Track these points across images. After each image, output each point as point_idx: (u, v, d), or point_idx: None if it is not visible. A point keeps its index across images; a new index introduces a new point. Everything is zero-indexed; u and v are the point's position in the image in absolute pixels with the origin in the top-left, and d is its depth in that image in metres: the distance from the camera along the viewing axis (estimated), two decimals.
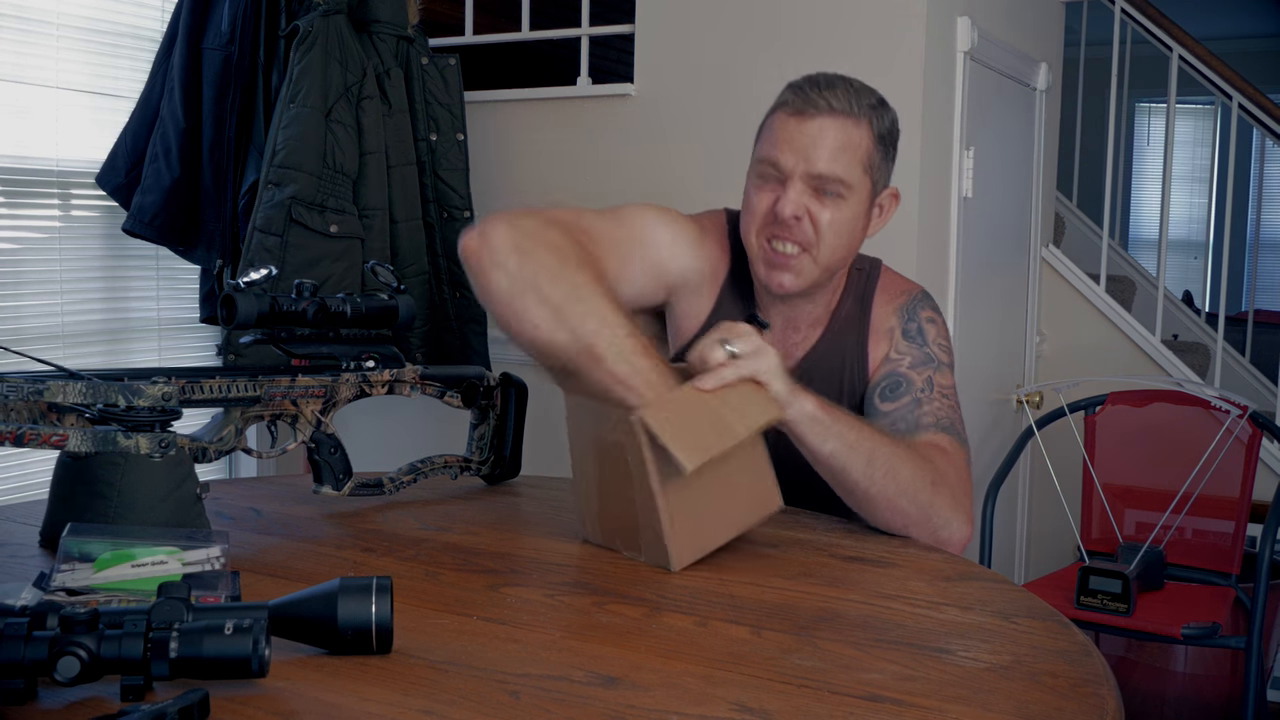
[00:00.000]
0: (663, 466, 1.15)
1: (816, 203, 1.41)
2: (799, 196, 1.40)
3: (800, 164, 1.39)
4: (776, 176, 1.42)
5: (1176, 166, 4.03)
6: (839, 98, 1.40)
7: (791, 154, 1.40)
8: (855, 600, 1.11)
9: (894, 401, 1.46)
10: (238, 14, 2.64)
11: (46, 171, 2.62)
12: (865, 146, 1.42)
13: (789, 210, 1.40)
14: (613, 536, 1.24)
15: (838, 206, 1.42)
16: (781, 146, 1.41)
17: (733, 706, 0.84)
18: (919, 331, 1.52)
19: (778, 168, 1.41)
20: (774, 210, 1.42)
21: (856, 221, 1.45)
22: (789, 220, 1.40)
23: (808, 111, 1.40)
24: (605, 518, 1.25)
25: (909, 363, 1.49)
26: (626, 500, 1.19)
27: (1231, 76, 3.67)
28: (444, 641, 0.95)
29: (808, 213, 1.41)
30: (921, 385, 1.47)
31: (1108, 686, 0.91)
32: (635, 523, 1.19)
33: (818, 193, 1.41)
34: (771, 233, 1.43)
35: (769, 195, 1.43)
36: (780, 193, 1.41)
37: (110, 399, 1.12)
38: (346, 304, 1.33)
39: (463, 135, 2.86)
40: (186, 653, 0.79)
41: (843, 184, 1.40)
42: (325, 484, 1.36)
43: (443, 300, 2.84)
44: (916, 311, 1.54)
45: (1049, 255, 3.63)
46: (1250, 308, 4.49)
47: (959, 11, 2.76)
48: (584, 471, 1.27)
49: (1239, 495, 2.77)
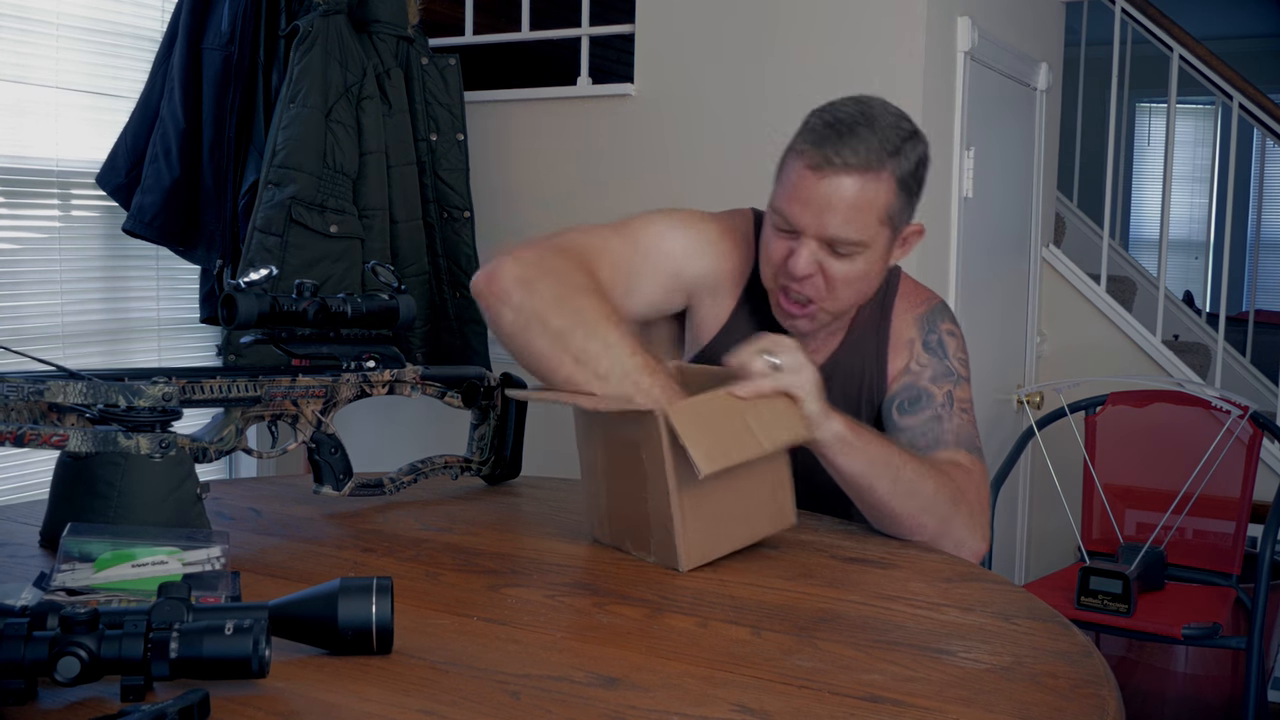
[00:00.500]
0: (681, 466, 1.14)
1: (830, 258, 1.38)
2: (811, 255, 1.37)
3: (813, 225, 1.36)
4: (791, 230, 1.39)
5: (1177, 166, 4.02)
6: (858, 152, 1.33)
7: (805, 213, 1.36)
8: (856, 601, 1.11)
9: (914, 416, 1.46)
10: (238, 14, 2.64)
11: (46, 171, 2.62)
12: (883, 200, 1.36)
13: (800, 270, 1.38)
14: (621, 536, 1.24)
15: (852, 262, 1.39)
16: (794, 204, 1.37)
17: (733, 707, 0.84)
18: (939, 344, 1.52)
19: (790, 225, 1.38)
20: (787, 264, 1.40)
21: (872, 269, 1.42)
22: (800, 277, 1.39)
23: (824, 169, 1.34)
24: (614, 517, 1.25)
25: (929, 376, 1.49)
26: (638, 499, 1.19)
27: (1231, 76, 3.67)
28: (444, 642, 0.95)
29: (820, 269, 1.39)
30: (942, 400, 1.47)
31: (1108, 687, 0.91)
32: (646, 521, 1.19)
33: (832, 249, 1.38)
34: (784, 283, 1.42)
35: (784, 246, 1.40)
36: (794, 246, 1.39)
37: (110, 399, 1.12)
38: (347, 304, 1.33)
39: (463, 135, 2.86)
40: (187, 653, 0.79)
41: (857, 245, 1.37)
42: (325, 484, 1.36)
43: (443, 300, 2.84)
44: (937, 324, 1.54)
45: (1049, 255, 3.63)
46: (1251, 308, 4.49)
47: (959, 11, 2.76)
48: (594, 470, 1.27)
49: (1239, 495, 2.77)
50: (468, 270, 2.84)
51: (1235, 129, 3.73)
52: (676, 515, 1.15)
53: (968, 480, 1.39)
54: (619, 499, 1.23)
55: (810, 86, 2.67)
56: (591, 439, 1.26)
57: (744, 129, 2.78)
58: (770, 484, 1.24)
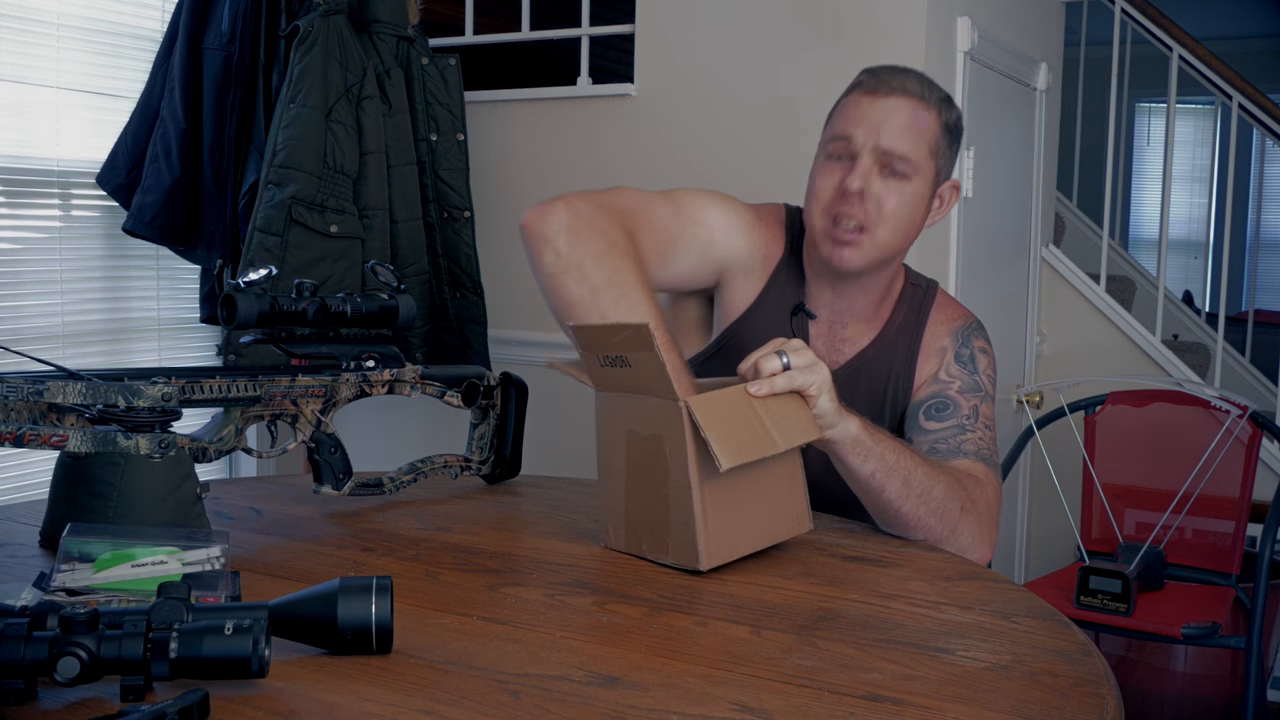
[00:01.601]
0: (703, 460, 1.15)
1: (881, 182, 1.43)
2: (865, 171, 1.43)
3: (870, 138, 1.42)
4: (846, 152, 1.44)
5: (1176, 166, 4.03)
6: (912, 83, 1.45)
7: (863, 129, 1.43)
8: (855, 600, 1.11)
9: (939, 422, 1.48)
10: (238, 14, 2.64)
11: (47, 171, 2.62)
12: (934, 131, 1.45)
13: (857, 184, 1.42)
14: (639, 539, 1.23)
15: (901, 189, 1.44)
16: (854, 121, 1.44)
17: (733, 706, 0.84)
18: (971, 359, 1.54)
19: (849, 141, 1.44)
20: (841, 187, 1.44)
21: (918, 205, 1.47)
22: (853, 194, 1.42)
23: (881, 90, 1.44)
24: (632, 518, 1.23)
25: (959, 387, 1.51)
26: (658, 496, 1.18)
27: (1231, 76, 3.67)
28: (444, 641, 0.95)
29: (873, 192, 1.43)
30: (968, 412, 1.48)
31: (1108, 686, 0.91)
32: (665, 519, 1.18)
33: (884, 171, 1.43)
34: (836, 210, 1.45)
35: (837, 173, 1.45)
36: (848, 170, 1.44)
37: (110, 399, 1.12)
38: (347, 304, 1.33)
39: (463, 135, 2.86)
40: (186, 653, 0.79)
41: (909, 163, 1.43)
42: (325, 484, 1.36)
43: (443, 300, 2.84)
44: (971, 339, 1.56)
45: (1049, 255, 3.63)
46: (1250, 308, 4.49)
47: (959, 11, 2.76)
48: (615, 470, 1.25)
49: (1239, 495, 2.77)
50: (468, 270, 2.84)
51: (1235, 129, 3.73)
52: (697, 511, 1.15)
53: (979, 490, 1.40)
54: (639, 499, 1.22)
55: (810, 86, 2.67)
56: (614, 437, 1.25)
57: (744, 129, 2.78)
58: (788, 487, 1.25)
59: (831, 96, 1.53)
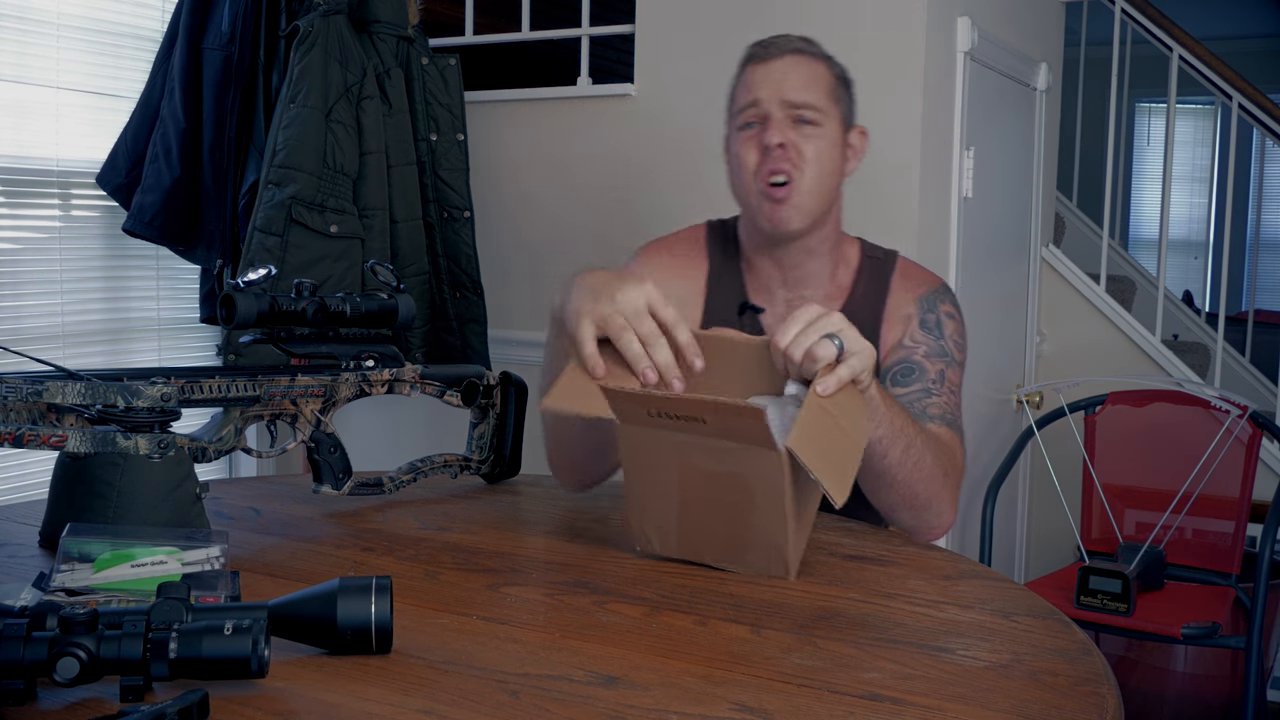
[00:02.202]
0: (796, 490, 1.10)
1: (796, 132, 1.50)
2: (781, 125, 1.50)
3: (775, 95, 1.51)
4: (757, 117, 1.52)
5: (1176, 166, 4.03)
6: (797, 41, 1.56)
7: (766, 90, 1.51)
8: (855, 599, 1.11)
9: (905, 387, 1.48)
10: (238, 14, 2.64)
11: (46, 171, 2.62)
12: (828, 78, 1.55)
13: (775, 138, 1.49)
14: (699, 548, 1.17)
15: (816, 134, 1.51)
16: (756, 87, 1.52)
17: (732, 706, 0.84)
18: (937, 324, 1.55)
19: (757, 105, 1.51)
20: (761, 148, 1.51)
21: (834, 149, 1.54)
22: (775, 148, 1.49)
23: (772, 54, 1.54)
24: (691, 529, 1.17)
25: (924, 352, 1.51)
26: (735, 519, 1.13)
27: (1231, 76, 3.67)
28: (444, 641, 0.95)
29: (791, 142, 1.50)
30: (934, 376, 1.49)
31: (1108, 685, 0.91)
32: (744, 538, 1.14)
33: (796, 123, 1.51)
34: (764, 170, 1.50)
35: (754, 139, 1.52)
36: (762, 133, 1.51)
37: (109, 399, 1.12)
38: (346, 303, 1.33)
39: (463, 135, 2.86)
40: (186, 653, 0.79)
41: (816, 110, 1.51)
42: (325, 483, 1.36)
43: (442, 300, 2.84)
44: (936, 304, 1.57)
45: (1049, 255, 3.63)
46: (1250, 308, 4.49)
47: (959, 11, 2.76)
48: (655, 486, 1.16)
49: (1239, 495, 2.77)
50: (468, 270, 2.84)
51: (1235, 129, 3.73)
52: (791, 533, 1.12)
53: (950, 457, 1.41)
54: (701, 515, 1.16)
55: None
56: (658, 460, 1.15)
57: None
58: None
59: None
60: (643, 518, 1.19)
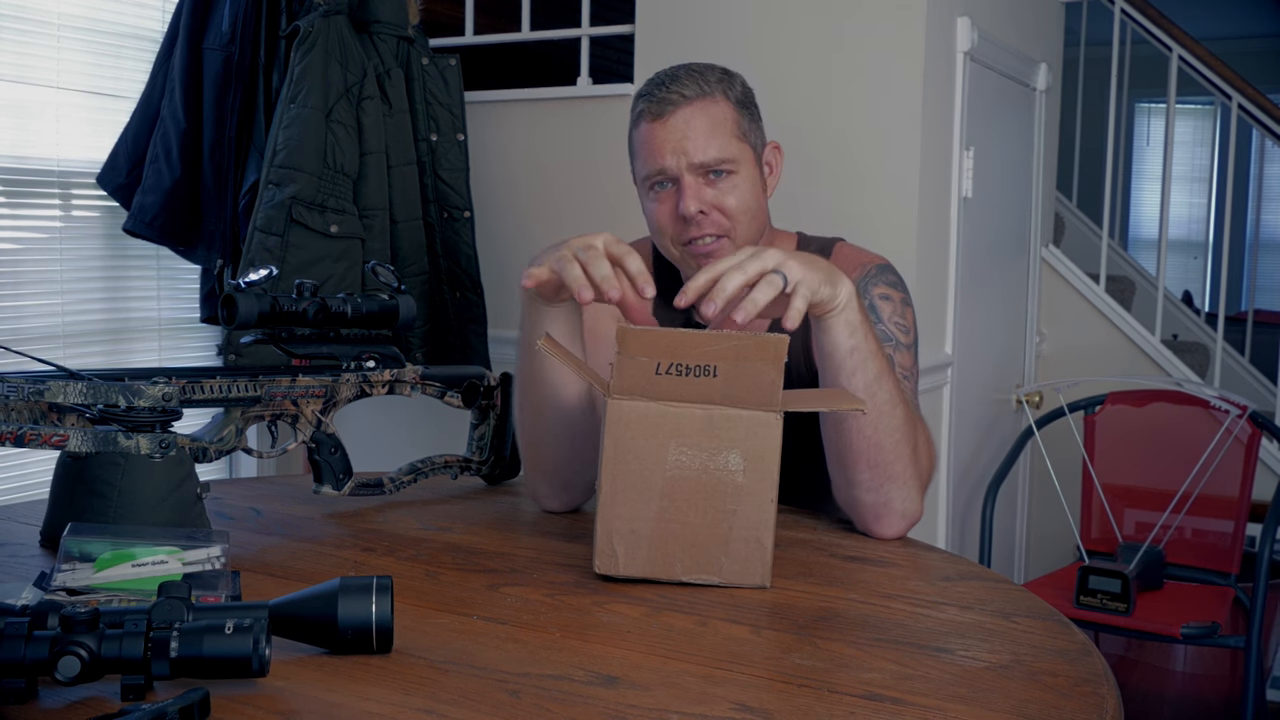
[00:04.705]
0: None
1: (713, 190, 1.43)
2: (694, 191, 1.42)
3: (681, 159, 1.42)
4: (668, 180, 1.44)
5: (1176, 166, 4.03)
6: (686, 87, 1.43)
7: (669, 154, 1.42)
8: (855, 600, 1.11)
9: None
10: (238, 14, 2.64)
11: (47, 171, 2.62)
12: (730, 118, 1.45)
13: (692, 208, 1.42)
14: (669, 561, 1.13)
15: (734, 184, 1.44)
16: (658, 152, 1.43)
17: (733, 706, 0.84)
18: (871, 308, 1.46)
19: (664, 172, 1.43)
20: (678, 214, 1.44)
21: (755, 186, 1.47)
22: (696, 218, 1.42)
23: (666, 111, 1.43)
24: (662, 539, 1.13)
25: None
26: (717, 514, 1.11)
27: (1231, 76, 3.67)
28: (444, 641, 0.96)
29: (711, 204, 1.43)
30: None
31: (1107, 685, 0.91)
32: (724, 537, 1.11)
33: (709, 180, 1.43)
34: (686, 236, 1.45)
35: (668, 203, 1.45)
36: (677, 197, 1.43)
37: (110, 399, 1.12)
38: (347, 304, 1.33)
39: (463, 135, 2.86)
40: (187, 652, 0.79)
41: (728, 161, 1.43)
42: (325, 484, 1.36)
43: (443, 300, 2.84)
44: (869, 288, 1.48)
45: (1049, 255, 3.63)
46: (1250, 308, 4.49)
47: (959, 11, 2.76)
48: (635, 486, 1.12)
49: (1238, 495, 2.78)
50: (468, 270, 2.84)
51: (1234, 129, 3.74)
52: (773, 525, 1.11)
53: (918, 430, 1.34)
54: (680, 518, 1.12)
55: (809, 86, 2.67)
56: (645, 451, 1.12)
57: None
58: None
59: (832, 96, 1.53)
60: (613, 521, 1.12)
